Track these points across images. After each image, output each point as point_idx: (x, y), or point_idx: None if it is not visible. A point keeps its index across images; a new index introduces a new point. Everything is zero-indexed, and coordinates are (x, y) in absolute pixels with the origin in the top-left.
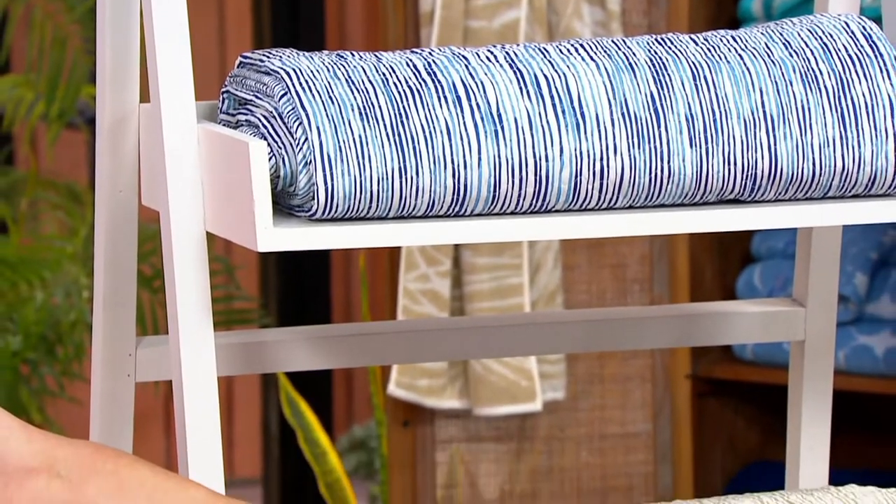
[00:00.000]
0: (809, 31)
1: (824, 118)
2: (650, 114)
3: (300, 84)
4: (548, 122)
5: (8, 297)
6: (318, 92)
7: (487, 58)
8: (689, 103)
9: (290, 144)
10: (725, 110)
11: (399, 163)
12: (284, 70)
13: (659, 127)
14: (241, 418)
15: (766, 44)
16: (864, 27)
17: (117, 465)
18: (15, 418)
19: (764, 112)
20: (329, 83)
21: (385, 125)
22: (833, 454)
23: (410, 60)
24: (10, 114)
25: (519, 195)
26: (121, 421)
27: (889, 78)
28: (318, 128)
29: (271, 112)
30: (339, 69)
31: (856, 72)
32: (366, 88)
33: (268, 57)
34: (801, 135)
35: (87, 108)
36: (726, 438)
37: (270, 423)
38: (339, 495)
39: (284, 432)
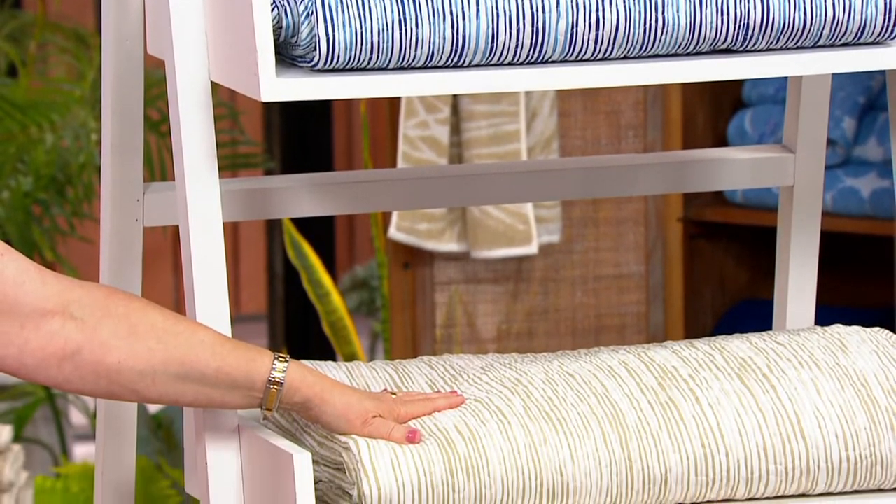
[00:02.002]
0: None
1: None
2: None
3: None
4: None
5: (18, 139)
6: None
7: None
8: None
9: None
10: None
11: (399, 14)
12: None
13: None
14: (246, 258)
15: None
16: None
17: (129, 308)
18: (30, 261)
19: None
20: None
21: None
22: (819, 292)
23: None
24: None
25: (516, 46)
26: (130, 263)
27: None
28: None
29: None
30: None
31: None
32: None
33: None
34: None
35: None
36: (716, 279)
37: (275, 264)
38: (341, 333)
39: (289, 273)
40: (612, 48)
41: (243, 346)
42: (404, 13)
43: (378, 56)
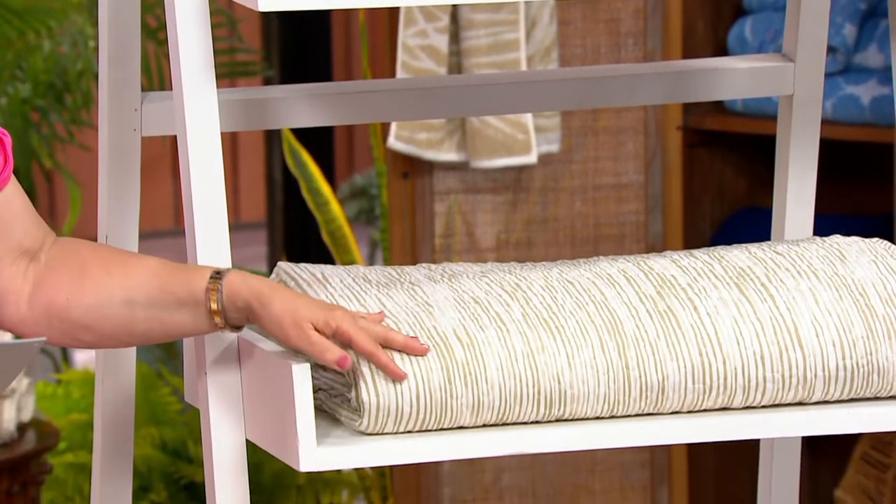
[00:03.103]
0: None
1: None
2: None
3: None
4: None
5: (16, 45)
6: None
7: None
8: None
9: None
10: None
11: None
12: None
13: None
14: (245, 166)
15: None
16: None
17: (83, 247)
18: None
19: None
20: None
21: None
22: (818, 200)
23: None
24: None
25: None
26: (128, 173)
27: None
28: None
29: None
30: None
31: None
32: None
33: None
34: None
35: None
36: (715, 187)
37: (274, 173)
38: (340, 242)
39: (288, 181)
40: None
41: (188, 266)
42: None
43: None
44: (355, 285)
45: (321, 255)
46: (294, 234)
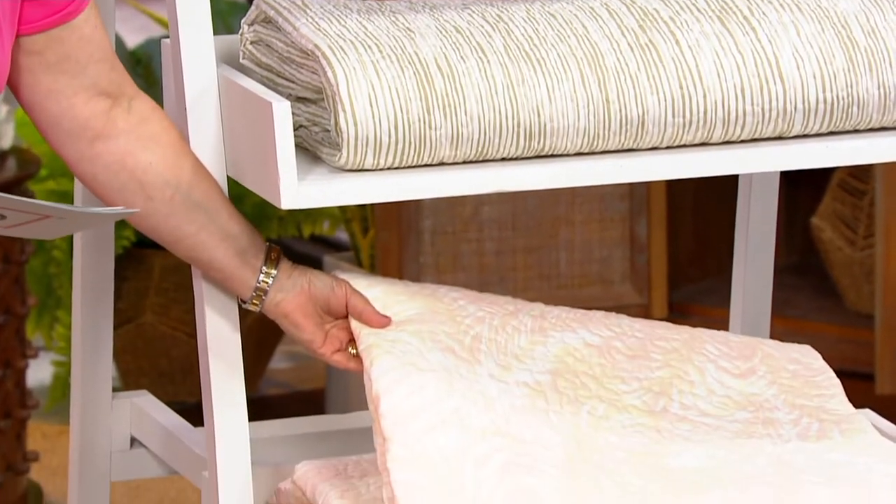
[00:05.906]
0: None
1: None
2: None
3: None
4: None
5: None
6: None
7: None
8: None
9: None
10: None
11: None
12: None
13: None
14: None
15: None
16: None
17: (175, 132)
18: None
19: None
20: None
21: None
22: None
23: None
24: None
25: None
26: None
27: None
28: None
29: None
30: None
31: None
32: None
33: None
34: None
35: None
36: None
37: None
38: None
39: None
40: None
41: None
42: None
43: None
44: (336, 10)
45: None
46: None
